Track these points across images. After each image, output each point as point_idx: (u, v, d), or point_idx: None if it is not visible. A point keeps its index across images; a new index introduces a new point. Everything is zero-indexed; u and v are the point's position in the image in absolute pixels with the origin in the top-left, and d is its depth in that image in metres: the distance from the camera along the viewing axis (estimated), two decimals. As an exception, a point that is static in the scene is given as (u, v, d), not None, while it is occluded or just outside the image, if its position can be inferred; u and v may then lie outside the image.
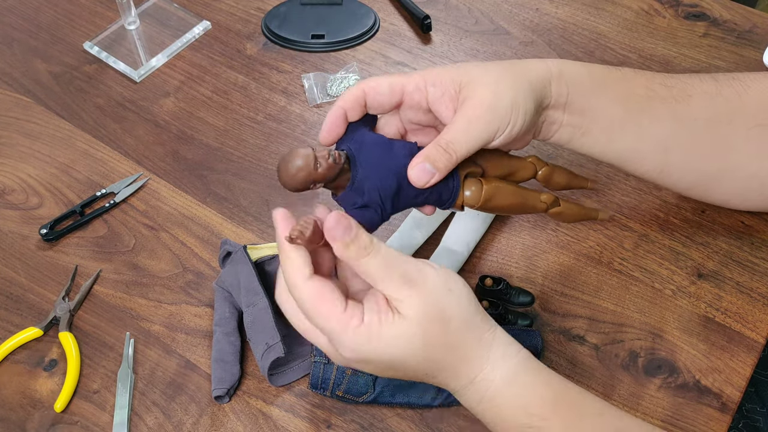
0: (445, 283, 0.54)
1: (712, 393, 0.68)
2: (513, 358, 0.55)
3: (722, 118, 0.67)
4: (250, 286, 0.70)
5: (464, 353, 0.55)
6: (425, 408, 0.68)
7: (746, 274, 0.75)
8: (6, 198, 0.85)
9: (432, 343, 0.53)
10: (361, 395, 0.66)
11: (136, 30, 1.01)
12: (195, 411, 0.69)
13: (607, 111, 0.65)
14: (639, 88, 0.66)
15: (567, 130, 0.66)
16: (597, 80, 0.66)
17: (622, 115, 0.66)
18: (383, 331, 0.52)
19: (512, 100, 0.59)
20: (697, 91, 0.67)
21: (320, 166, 0.55)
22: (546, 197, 0.66)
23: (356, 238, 0.52)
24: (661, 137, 0.67)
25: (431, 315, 0.53)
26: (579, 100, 0.64)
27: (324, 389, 0.66)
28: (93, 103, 0.93)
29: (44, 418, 0.69)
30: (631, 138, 0.67)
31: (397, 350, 0.53)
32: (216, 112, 0.92)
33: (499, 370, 0.55)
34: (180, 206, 0.83)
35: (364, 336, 0.52)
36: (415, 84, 0.60)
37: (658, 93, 0.67)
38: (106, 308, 0.76)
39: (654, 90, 0.67)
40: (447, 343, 0.54)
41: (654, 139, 0.67)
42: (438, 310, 0.53)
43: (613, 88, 0.66)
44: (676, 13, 1.00)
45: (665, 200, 0.81)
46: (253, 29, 1.01)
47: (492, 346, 0.55)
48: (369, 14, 1.01)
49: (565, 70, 0.64)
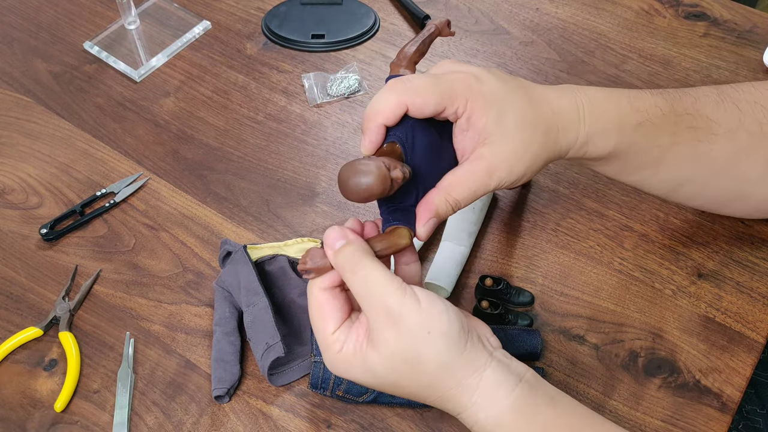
0: (424, 325, 0.52)
1: (712, 393, 0.68)
2: (502, 400, 0.53)
3: (741, 154, 0.66)
4: (250, 286, 0.70)
5: (443, 393, 0.54)
6: (425, 408, 0.68)
7: (746, 274, 0.75)
8: (6, 198, 0.85)
9: (405, 382, 0.54)
10: (361, 395, 0.66)
11: (136, 30, 1.01)
12: (195, 411, 0.69)
13: (625, 160, 0.65)
14: (665, 136, 0.64)
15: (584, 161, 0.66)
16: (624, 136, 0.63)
17: (640, 162, 0.65)
18: (358, 362, 0.54)
19: (525, 170, 0.59)
20: (721, 130, 0.65)
21: (393, 188, 0.53)
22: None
23: (345, 250, 0.53)
24: (680, 172, 0.67)
25: (403, 357, 0.52)
26: (603, 144, 0.63)
27: (324, 389, 0.66)
28: (93, 103, 0.93)
29: (44, 418, 0.69)
30: (644, 176, 0.67)
31: (373, 380, 0.54)
32: (216, 111, 0.92)
33: (482, 413, 0.53)
34: (180, 206, 0.83)
35: (341, 362, 0.54)
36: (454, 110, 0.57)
37: (683, 139, 0.65)
38: (106, 308, 0.76)
39: (680, 136, 0.65)
40: (422, 383, 0.54)
41: (668, 178, 0.67)
42: (411, 353, 0.52)
43: (636, 142, 0.64)
44: (676, 12, 1.00)
45: (665, 200, 0.81)
46: (253, 29, 1.01)
47: (477, 390, 0.53)
48: (369, 14, 1.01)
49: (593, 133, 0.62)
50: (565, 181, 0.83)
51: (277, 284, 0.74)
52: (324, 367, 0.65)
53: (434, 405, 0.56)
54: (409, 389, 0.54)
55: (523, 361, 0.67)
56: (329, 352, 0.55)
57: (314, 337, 0.67)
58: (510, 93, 0.59)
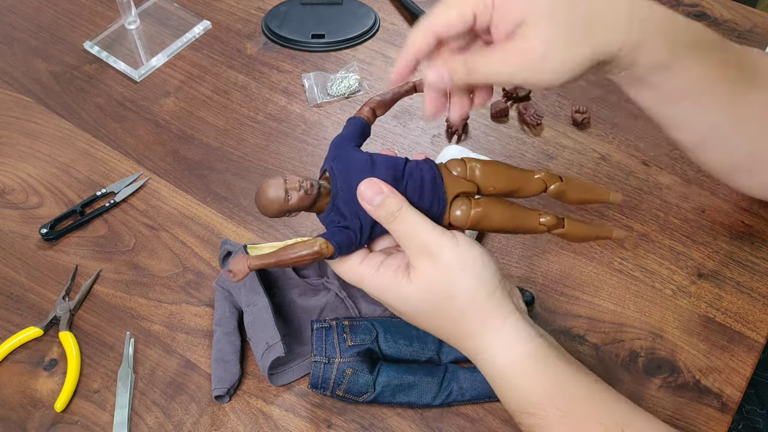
0: (459, 262, 0.56)
1: (713, 393, 0.68)
2: (519, 347, 0.56)
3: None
4: (251, 285, 0.70)
5: (466, 330, 0.57)
6: (425, 408, 0.68)
7: (746, 274, 0.75)
8: (6, 197, 0.85)
9: (435, 314, 0.57)
10: (362, 395, 0.66)
11: (136, 30, 1.01)
12: (195, 410, 0.69)
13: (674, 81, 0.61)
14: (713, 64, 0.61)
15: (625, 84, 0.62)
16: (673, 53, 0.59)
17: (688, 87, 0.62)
18: (394, 288, 0.57)
19: (558, 67, 0.55)
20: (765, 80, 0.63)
21: (291, 199, 0.57)
22: (548, 219, 0.61)
23: (384, 203, 0.56)
24: (716, 115, 0.64)
25: (436, 289, 0.56)
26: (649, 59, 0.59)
27: (324, 389, 0.66)
28: (93, 103, 0.93)
29: (44, 418, 0.69)
30: (687, 107, 0.63)
31: (406, 308, 0.58)
32: (216, 111, 0.92)
33: (500, 356, 0.56)
34: (180, 206, 0.83)
35: (377, 283, 0.58)
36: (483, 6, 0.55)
37: (728, 74, 0.62)
38: (106, 308, 0.76)
39: (727, 69, 0.62)
40: (449, 317, 0.57)
41: (709, 114, 0.64)
42: (445, 287, 0.56)
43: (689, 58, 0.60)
44: (676, 12, 1.00)
45: (665, 200, 0.81)
46: (253, 29, 1.01)
47: (499, 332, 0.56)
48: (369, 14, 1.01)
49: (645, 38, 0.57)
50: (565, 181, 0.83)
51: (277, 284, 0.74)
52: (324, 366, 0.66)
53: (455, 343, 0.59)
54: (435, 321, 0.58)
55: None
56: (364, 281, 0.58)
57: (314, 337, 0.67)
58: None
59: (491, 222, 0.60)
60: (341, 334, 0.67)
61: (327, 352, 0.66)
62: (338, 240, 0.58)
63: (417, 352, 0.68)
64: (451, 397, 0.67)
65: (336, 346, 0.66)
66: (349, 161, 0.58)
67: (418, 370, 0.67)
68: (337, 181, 0.58)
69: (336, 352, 0.66)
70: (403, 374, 0.67)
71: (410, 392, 0.67)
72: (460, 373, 0.68)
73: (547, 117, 0.89)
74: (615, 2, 0.57)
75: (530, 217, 0.61)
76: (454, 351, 0.69)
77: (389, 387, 0.66)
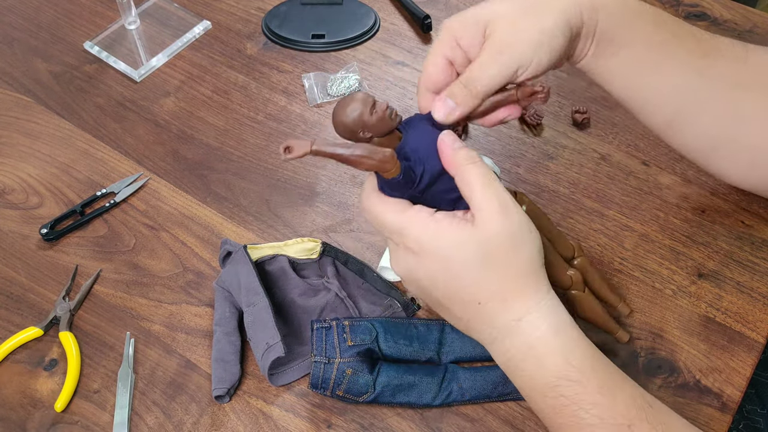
0: (529, 224, 0.56)
1: (713, 393, 0.68)
2: (564, 315, 0.57)
3: (743, 85, 0.66)
4: (251, 285, 0.70)
5: (520, 287, 0.56)
6: (425, 408, 0.68)
7: (746, 273, 0.75)
8: (6, 198, 0.85)
9: (493, 261, 0.55)
10: (362, 395, 0.66)
11: (136, 30, 1.01)
12: (195, 411, 0.69)
13: (635, 46, 0.65)
14: (669, 34, 0.65)
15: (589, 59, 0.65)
16: (629, 13, 0.64)
17: (648, 53, 0.65)
18: (453, 230, 0.55)
19: (536, 38, 0.59)
20: (725, 54, 0.66)
21: (375, 113, 0.55)
22: (575, 274, 0.65)
23: (465, 148, 0.56)
24: (680, 86, 0.66)
25: (505, 236, 0.55)
26: (609, 30, 0.63)
27: (324, 389, 0.66)
28: (93, 103, 0.93)
29: (44, 418, 0.69)
30: (652, 77, 0.66)
31: (458, 254, 0.55)
32: (216, 111, 0.92)
33: (546, 320, 0.56)
34: (180, 206, 0.83)
35: (431, 229, 0.55)
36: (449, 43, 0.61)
37: (686, 43, 0.66)
38: (106, 308, 0.76)
39: (683, 39, 0.66)
40: (508, 268, 0.55)
41: (673, 85, 0.66)
42: (514, 237, 0.55)
43: (644, 25, 0.65)
44: (676, 12, 1.00)
45: (665, 200, 0.81)
46: (253, 29, 1.01)
47: (545, 298, 0.56)
48: (369, 14, 1.01)
49: (598, 5, 0.62)
50: (565, 181, 0.83)
51: (277, 284, 0.74)
52: (324, 367, 0.66)
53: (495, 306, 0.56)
54: (491, 272, 0.55)
55: None
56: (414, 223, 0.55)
57: (314, 337, 0.67)
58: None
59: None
60: (341, 334, 0.67)
61: (327, 352, 0.66)
62: (404, 168, 0.56)
63: (417, 352, 0.68)
64: (451, 397, 0.67)
65: (336, 346, 0.66)
66: (418, 125, 0.59)
67: (418, 370, 0.67)
68: (408, 135, 0.58)
69: (336, 352, 0.66)
70: (403, 374, 0.67)
71: (410, 392, 0.67)
72: (460, 373, 0.68)
73: (547, 117, 0.89)
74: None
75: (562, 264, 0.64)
76: (455, 351, 0.69)
77: (389, 387, 0.66)
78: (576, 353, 0.56)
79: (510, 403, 0.68)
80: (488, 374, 0.67)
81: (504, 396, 0.68)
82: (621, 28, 0.64)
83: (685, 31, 0.67)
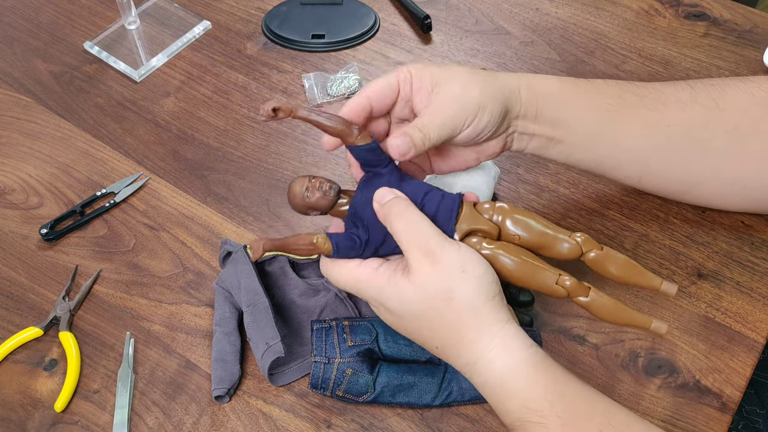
0: (460, 264, 0.56)
1: (712, 393, 0.68)
2: (518, 352, 0.56)
3: (697, 124, 0.68)
4: (251, 286, 0.70)
5: (463, 336, 0.57)
6: (425, 408, 0.68)
7: (746, 274, 0.75)
8: (6, 198, 0.85)
9: (431, 316, 0.57)
10: (361, 395, 0.66)
11: (136, 30, 1.01)
12: (195, 411, 0.69)
13: (579, 122, 0.67)
14: (610, 98, 0.68)
15: (540, 140, 0.68)
16: (567, 92, 0.67)
17: (594, 126, 0.67)
18: (392, 286, 0.58)
19: (478, 98, 0.63)
20: (670, 99, 0.68)
21: (310, 197, 0.62)
22: (569, 282, 0.59)
23: (391, 202, 0.59)
24: (637, 146, 0.68)
25: (435, 290, 0.56)
26: (549, 110, 0.66)
27: (324, 389, 0.66)
28: (93, 103, 0.93)
29: (44, 418, 0.69)
30: (606, 147, 0.69)
31: (402, 308, 0.58)
32: (216, 111, 0.92)
33: (499, 361, 0.56)
34: (180, 206, 0.83)
35: (374, 286, 0.59)
36: (404, 76, 0.65)
37: (629, 102, 0.68)
38: (106, 308, 0.76)
39: (625, 99, 0.68)
40: (446, 320, 0.57)
41: (629, 147, 0.68)
42: (444, 287, 0.56)
43: (583, 99, 0.68)
44: (676, 12, 1.00)
45: (665, 200, 0.81)
46: (253, 29, 1.01)
47: (496, 337, 0.56)
48: (369, 14, 1.01)
49: (534, 83, 0.67)
50: (565, 181, 0.83)
51: (277, 284, 0.74)
52: (324, 367, 0.66)
53: (448, 352, 0.58)
54: (430, 325, 0.57)
55: None
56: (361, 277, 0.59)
57: (314, 337, 0.67)
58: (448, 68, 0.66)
59: (501, 267, 0.59)
60: (341, 335, 0.67)
61: (327, 353, 0.66)
62: (339, 240, 0.59)
63: (417, 352, 0.68)
64: (451, 397, 0.67)
65: (336, 346, 0.66)
66: (376, 176, 0.62)
67: (418, 371, 0.67)
68: (356, 198, 0.62)
69: (336, 353, 0.66)
70: (403, 374, 0.67)
71: (410, 392, 0.67)
72: (460, 374, 0.68)
73: (547, 117, 0.89)
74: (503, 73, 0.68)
75: (548, 275, 0.59)
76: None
77: (389, 387, 0.66)
78: (532, 396, 0.55)
79: (510, 403, 0.68)
80: (488, 374, 0.67)
81: (504, 396, 0.68)
82: (563, 107, 0.67)
83: (625, 90, 0.69)
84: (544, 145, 0.68)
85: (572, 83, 0.69)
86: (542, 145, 0.68)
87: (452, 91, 0.63)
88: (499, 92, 0.64)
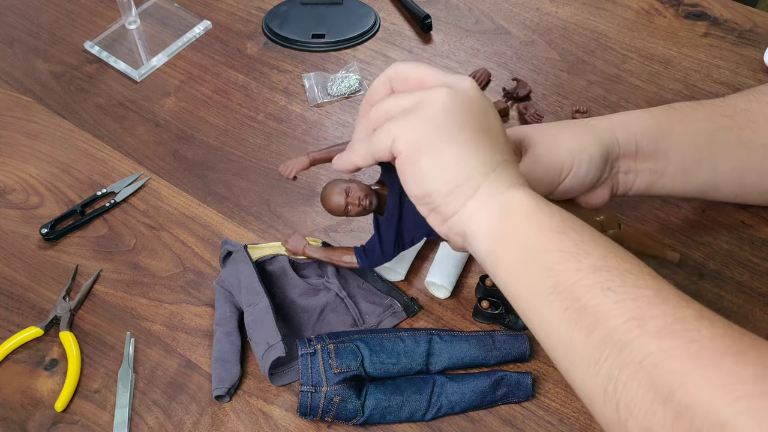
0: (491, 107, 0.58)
1: (713, 393, 0.68)
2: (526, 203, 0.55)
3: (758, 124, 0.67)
4: (251, 285, 0.70)
5: (499, 146, 0.56)
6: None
7: (746, 274, 0.75)
8: (6, 197, 0.85)
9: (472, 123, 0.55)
10: (351, 419, 0.66)
11: (136, 29, 1.01)
12: (195, 410, 0.69)
13: (678, 150, 0.66)
14: (701, 122, 0.67)
15: (644, 177, 0.67)
16: (661, 122, 0.67)
17: (693, 152, 0.67)
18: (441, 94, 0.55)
19: (571, 146, 0.63)
20: (759, 117, 0.67)
21: (350, 211, 0.65)
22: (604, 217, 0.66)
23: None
24: (734, 166, 0.68)
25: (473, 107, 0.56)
26: (648, 144, 0.65)
27: (313, 416, 0.66)
28: (93, 103, 0.93)
29: (45, 418, 0.69)
30: (707, 172, 0.68)
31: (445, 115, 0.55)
32: (216, 111, 0.92)
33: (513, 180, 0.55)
34: (180, 206, 0.83)
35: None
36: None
37: (721, 125, 0.67)
38: (106, 308, 0.76)
39: (716, 122, 0.67)
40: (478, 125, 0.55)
41: (727, 168, 0.68)
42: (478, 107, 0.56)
43: (678, 127, 0.67)
44: (676, 12, 1.00)
45: (665, 200, 0.81)
46: (253, 29, 1.01)
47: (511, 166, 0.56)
48: (369, 14, 1.01)
49: (626, 120, 0.66)
50: (565, 181, 0.83)
51: (277, 284, 0.74)
52: (312, 395, 0.65)
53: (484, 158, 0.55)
54: (467, 131, 0.55)
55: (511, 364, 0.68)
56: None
57: (300, 364, 0.66)
58: None
59: None
60: (327, 360, 0.66)
61: (313, 380, 0.65)
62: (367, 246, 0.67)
63: (405, 367, 0.68)
64: (442, 412, 0.66)
65: (322, 374, 0.65)
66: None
67: (406, 389, 0.66)
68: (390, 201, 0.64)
69: (322, 380, 0.65)
70: (391, 395, 0.66)
71: (400, 412, 0.66)
72: (448, 387, 0.67)
73: (547, 116, 0.89)
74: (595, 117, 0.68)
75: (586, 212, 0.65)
76: (443, 360, 0.68)
77: (378, 409, 0.66)
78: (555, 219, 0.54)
79: (510, 403, 0.68)
80: (476, 384, 0.67)
81: (493, 403, 0.67)
82: (661, 138, 0.66)
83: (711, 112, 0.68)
84: (648, 180, 0.67)
85: (662, 113, 0.68)
86: (646, 181, 0.68)
87: (542, 142, 0.63)
88: (594, 137, 0.64)
